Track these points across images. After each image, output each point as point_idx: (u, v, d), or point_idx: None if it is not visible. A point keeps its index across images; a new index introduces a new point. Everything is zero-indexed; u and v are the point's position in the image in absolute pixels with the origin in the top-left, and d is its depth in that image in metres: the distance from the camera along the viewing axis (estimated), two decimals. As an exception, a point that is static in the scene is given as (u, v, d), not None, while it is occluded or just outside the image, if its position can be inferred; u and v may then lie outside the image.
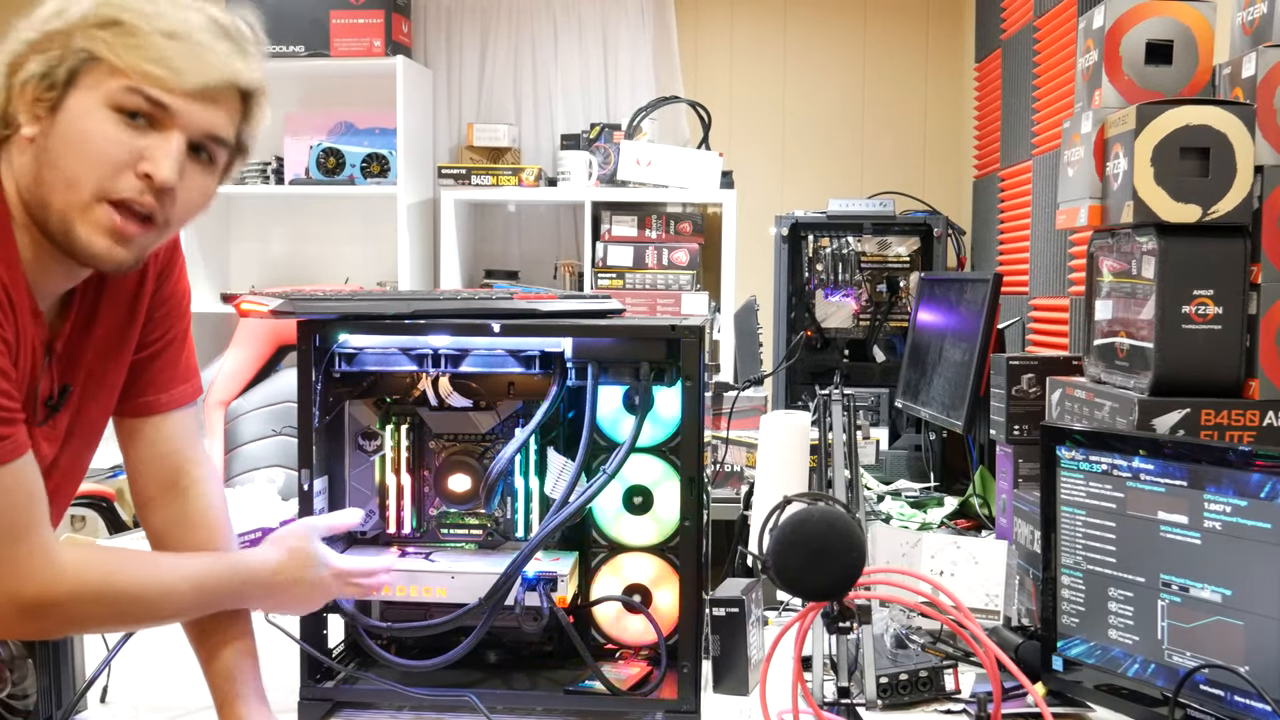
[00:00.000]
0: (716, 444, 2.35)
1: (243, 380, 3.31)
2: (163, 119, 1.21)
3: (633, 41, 4.62)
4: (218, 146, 1.27)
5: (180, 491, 1.47)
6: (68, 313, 1.33)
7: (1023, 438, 2.11)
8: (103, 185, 1.20)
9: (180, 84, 1.21)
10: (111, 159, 1.19)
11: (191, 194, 1.27)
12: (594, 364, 1.56)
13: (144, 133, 1.21)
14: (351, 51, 4.27)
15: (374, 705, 1.58)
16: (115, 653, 1.56)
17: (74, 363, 1.35)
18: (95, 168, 1.19)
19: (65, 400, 1.34)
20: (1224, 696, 1.34)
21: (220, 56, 1.23)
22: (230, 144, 1.29)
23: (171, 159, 1.21)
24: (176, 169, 1.22)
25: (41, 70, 1.19)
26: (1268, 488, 1.30)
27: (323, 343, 1.58)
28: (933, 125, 4.63)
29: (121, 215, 1.21)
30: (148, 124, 1.21)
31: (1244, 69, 1.67)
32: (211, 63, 1.22)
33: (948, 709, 1.58)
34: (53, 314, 1.31)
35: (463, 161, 4.41)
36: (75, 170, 1.19)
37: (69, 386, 1.34)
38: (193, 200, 1.28)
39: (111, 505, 3.41)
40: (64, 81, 1.19)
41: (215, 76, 1.23)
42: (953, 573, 1.92)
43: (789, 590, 1.34)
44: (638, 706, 1.55)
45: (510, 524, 1.67)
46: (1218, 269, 1.61)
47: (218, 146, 1.27)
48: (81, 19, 1.20)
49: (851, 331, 3.62)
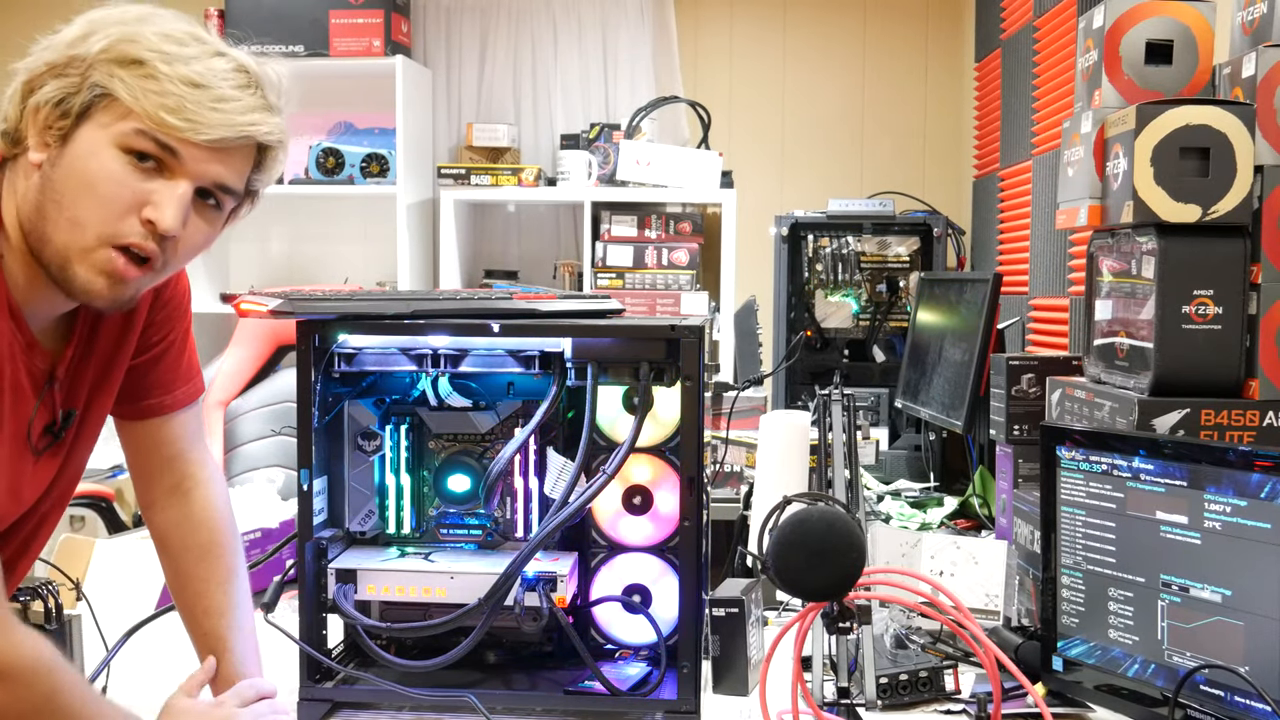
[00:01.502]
0: (716, 444, 2.35)
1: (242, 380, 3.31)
2: (172, 165, 1.19)
3: (632, 41, 4.62)
4: (226, 194, 1.25)
5: (184, 493, 1.47)
6: (70, 336, 1.30)
7: (1023, 438, 2.11)
8: (107, 230, 1.18)
9: (195, 136, 1.18)
10: (117, 202, 1.17)
11: (194, 238, 1.25)
12: (594, 364, 1.55)
13: (151, 176, 1.18)
14: (351, 51, 4.26)
15: (373, 706, 1.58)
16: (115, 653, 1.56)
17: (77, 386, 1.32)
18: (100, 210, 1.17)
19: (69, 424, 1.33)
20: (1224, 697, 1.34)
21: (241, 109, 1.20)
22: (239, 193, 1.27)
23: (176, 208, 1.19)
24: (181, 218, 1.19)
25: (56, 97, 1.16)
26: (1268, 488, 1.30)
27: (322, 343, 1.57)
28: (932, 125, 4.63)
29: (124, 259, 1.19)
30: (156, 167, 1.18)
31: (1244, 69, 1.67)
32: (230, 116, 1.19)
33: (948, 709, 1.58)
34: (53, 339, 1.28)
35: (462, 161, 4.41)
36: (80, 211, 1.17)
37: (73, 411, 1.32)
38: (195, 243, 1.25)
39: (111, 505, 3.41)
40: (77, 113, 1.16)
41: (232, 131, 1.19)
42: (953, 573, 1.92)
43: (789, 590, 1.34)
44: (637, 706, 1.55)
45: (510, 524, 1.66)
46: (1218, 269, 1.61)
47: (226, 194, 1.25)
48: (103, 51, 1.16)
49: (851, 331, 3.62)
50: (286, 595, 1.61)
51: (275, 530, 2.12)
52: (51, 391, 1.28)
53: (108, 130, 1.16)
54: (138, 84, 1.16)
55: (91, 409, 1.36)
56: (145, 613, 1.63)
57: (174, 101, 1.16)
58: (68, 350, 1.29)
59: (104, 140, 1.16)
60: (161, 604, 1.67)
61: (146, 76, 1.16)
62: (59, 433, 1.31)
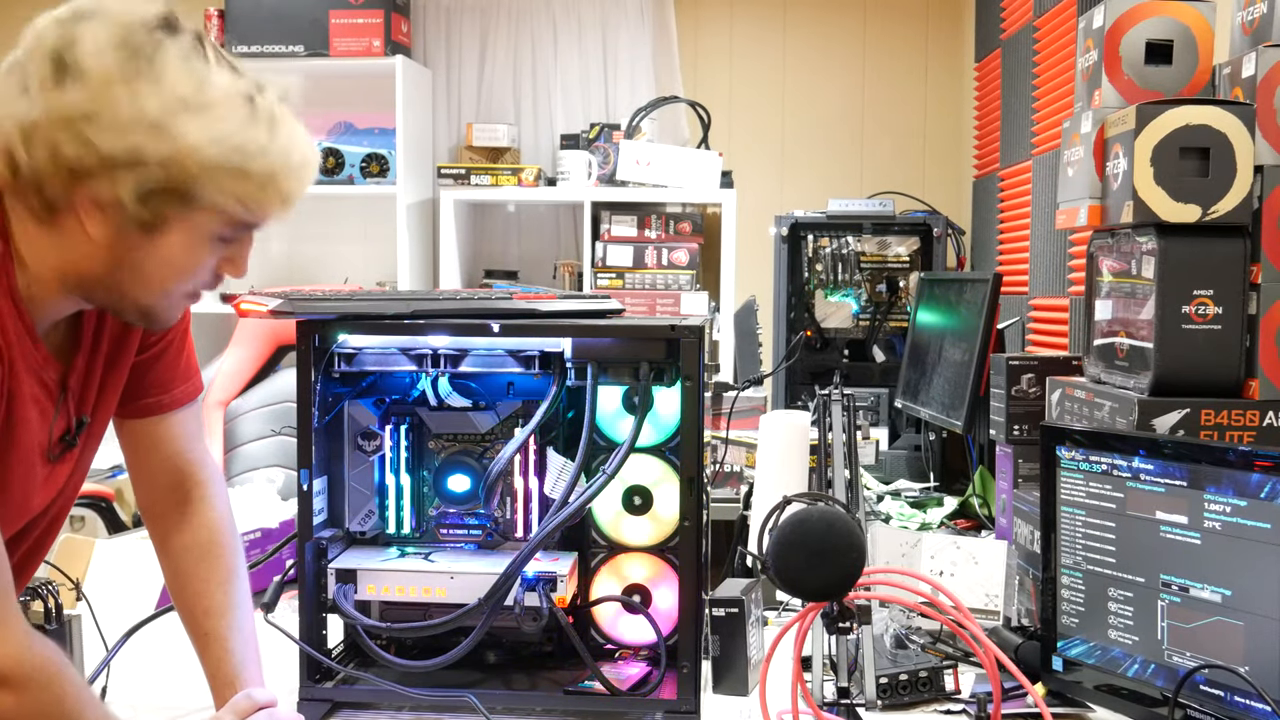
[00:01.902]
0: (716, 444, 2.35)
1: (242, 380, 3.31)
2: None
3: (632, 41, 4.62)
4: None
5: (183, 493, 1.47)
6: (78, 344, 1.30)
7: (1023, 438, 2.11)
8: (188, 287, 1.24)
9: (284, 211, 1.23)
10: (203, 270, 1.23)
11: None
12: (593, 364, 1.55)
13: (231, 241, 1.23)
14: (351, 51, 4.26)
15: (373, 706, 1.58)
16: (114, 653, 1.56)
17: (88, 392, 1.33)
18: (187, 279, 1.23)
19: (82, 431, 1.33)
20: (1224, 697, 1.34)
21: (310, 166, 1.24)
22: None
23: (247, 258, 1.26)
24: None
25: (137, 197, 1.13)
26: (1268, 488, 1.30)
27: (322, 343, 1.57)
28: (932, 125, 4.63)
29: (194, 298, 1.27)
30: None
31: (1244, 69, 1.67)
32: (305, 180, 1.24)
33: (947, 709, 1.58)
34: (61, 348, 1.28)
35: (462, 161, 4.41)
36: (166, 283, 1.22)
37: (85, 419, 1.33)
38: None
39: (111, 505, 3.41)
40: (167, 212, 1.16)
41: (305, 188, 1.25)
42: (952, 573, 1.92)
43: (789, 590, 1.34)
44: (637, 707, 1.55)
45: (510, 524, 1.66)
46: (1218, 269, 1.61)
47: None
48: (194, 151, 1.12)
49: (851, 331, 3.62)
50: (286, 595, 1.61)
51: (275, 530, 2.12)
52: (66, 401, 1.29)
53: (201, 228, 1.18)
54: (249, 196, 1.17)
55: (99, 411, 1.36)
56: (145, 613, 1.63)
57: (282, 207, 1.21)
58: (78, 359, 1.30)
59: (198, 237, 1.19)
60: (161, 604, 1.67)
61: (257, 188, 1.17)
62: (73, 440, 1.31)
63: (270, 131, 1.18)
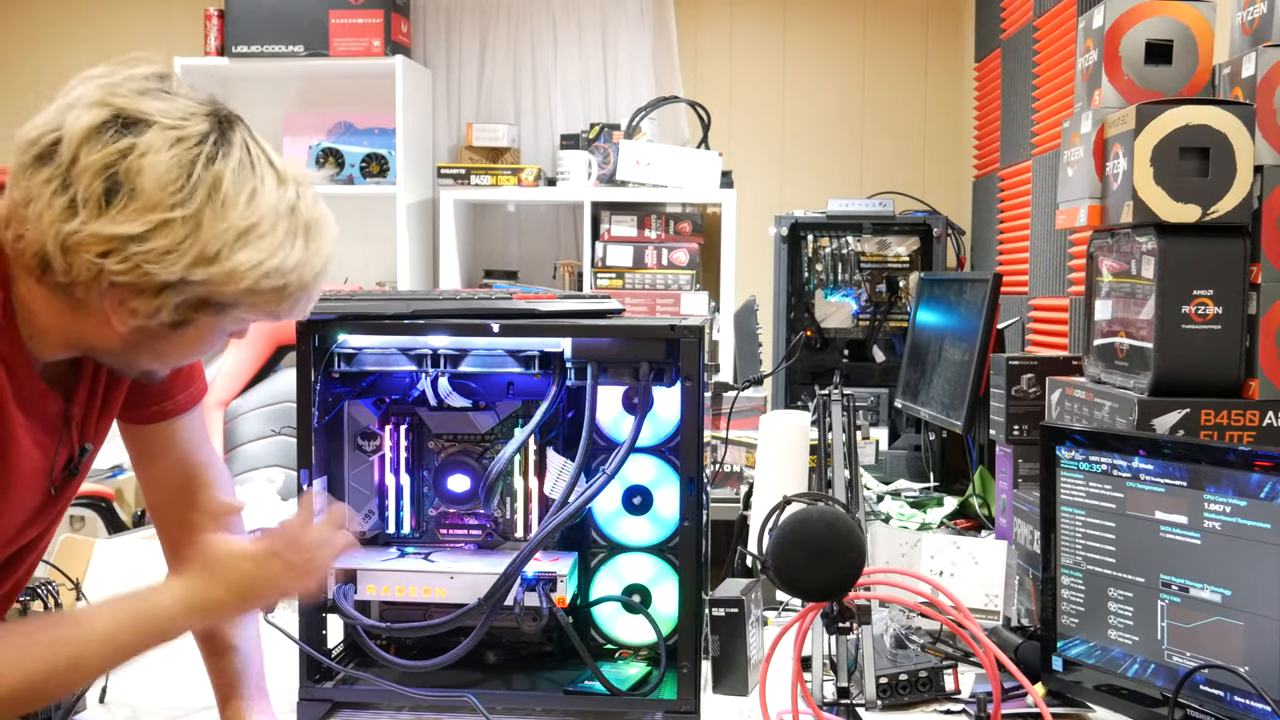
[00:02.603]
0: (716, 444, 2.35)
1: (242, 380, 3.31)
2: None
3: (632, 41, 4.62)
4: None
5: (190, 495, 1.47)
6: (79, 375, 1.29)
7: (1022, 438, 2.11)
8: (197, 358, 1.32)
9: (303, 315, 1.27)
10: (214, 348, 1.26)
11: None
12: (593, 364, 1.55)
13: None
14: (351, 51, 4.26)
15: (373, 706, 1.58)
16: (114, 653, 1.55)
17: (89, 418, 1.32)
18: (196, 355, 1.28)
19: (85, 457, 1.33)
20: (1224, 696, 1.34)
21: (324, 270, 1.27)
22: None
23: None
24: None
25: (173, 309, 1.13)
26: (1268, 488, 1.30)
27: (322, 343, 1.58)
28: (932, 125, 4.63)
29: None
30: None
31: (1244, 69, 1.67)
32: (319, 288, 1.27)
33: (947, 709, 1.58)
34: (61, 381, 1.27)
35: (462, 161, 4.41)
36: (180, 359, 1.28)
37: (88, 446, 1.32)
38: None
39: (111, 505, 3.41)
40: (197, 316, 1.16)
41: None
42: (952, 573, 1.92)
43: (789, 590, 1.34)
44: (637, 706, 1.55)
45: (510, 524, 1.66)
46: (1217, 269, 1.61)
47: None
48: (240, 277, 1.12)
49: (851, 331, 3.62)
50: (286, 595, 1.60)
51: (275, 530, 2.11)
52: (69, 431, 1.28)
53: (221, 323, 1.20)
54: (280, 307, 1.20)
55: (100, 431, 1.36)
56: (145, 613, 1.63)
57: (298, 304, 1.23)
58: (80, 389, 1.29)
59: (219, 329, 1.21)
60: (161, 604, 1.66)
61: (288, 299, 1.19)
62: (75, 469, 1.32)
63: (306, 242, 1.19)
